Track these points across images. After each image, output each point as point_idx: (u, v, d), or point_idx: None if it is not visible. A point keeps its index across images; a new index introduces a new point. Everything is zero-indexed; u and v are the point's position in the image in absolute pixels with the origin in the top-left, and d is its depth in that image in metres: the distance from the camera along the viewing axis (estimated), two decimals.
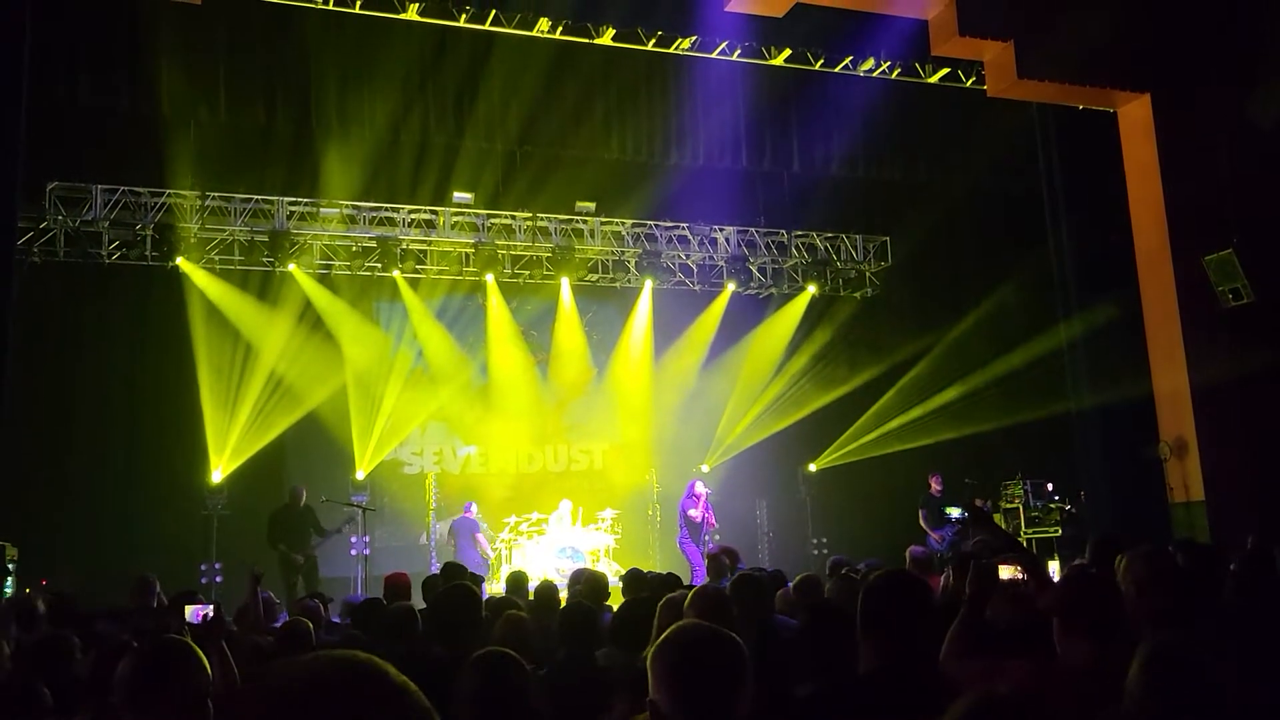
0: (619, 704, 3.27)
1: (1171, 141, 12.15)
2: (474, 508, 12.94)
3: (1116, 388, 12.41)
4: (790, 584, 6.02)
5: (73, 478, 11.95)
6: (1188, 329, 11.91)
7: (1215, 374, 11.83)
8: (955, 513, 11.96)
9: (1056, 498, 13.23)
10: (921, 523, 12.23)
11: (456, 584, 4.82)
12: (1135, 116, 12.52)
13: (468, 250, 14.26)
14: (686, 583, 6.91)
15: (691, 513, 12.37)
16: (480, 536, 12.63)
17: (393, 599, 6.26)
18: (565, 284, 14.98)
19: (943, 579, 6.99)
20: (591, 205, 14.51)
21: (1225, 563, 4.87)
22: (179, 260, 12.69)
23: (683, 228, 15.14)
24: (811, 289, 15.83)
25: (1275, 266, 11.39)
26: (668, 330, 15.66)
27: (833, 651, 3.07)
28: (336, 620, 6.76)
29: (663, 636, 2.07)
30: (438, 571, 8.58)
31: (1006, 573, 3.78)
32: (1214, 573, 4.55)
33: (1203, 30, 12.06)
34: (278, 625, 5.63)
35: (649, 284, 15.24)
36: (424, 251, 14.18)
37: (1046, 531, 12.88)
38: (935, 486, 12.42)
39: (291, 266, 13.30)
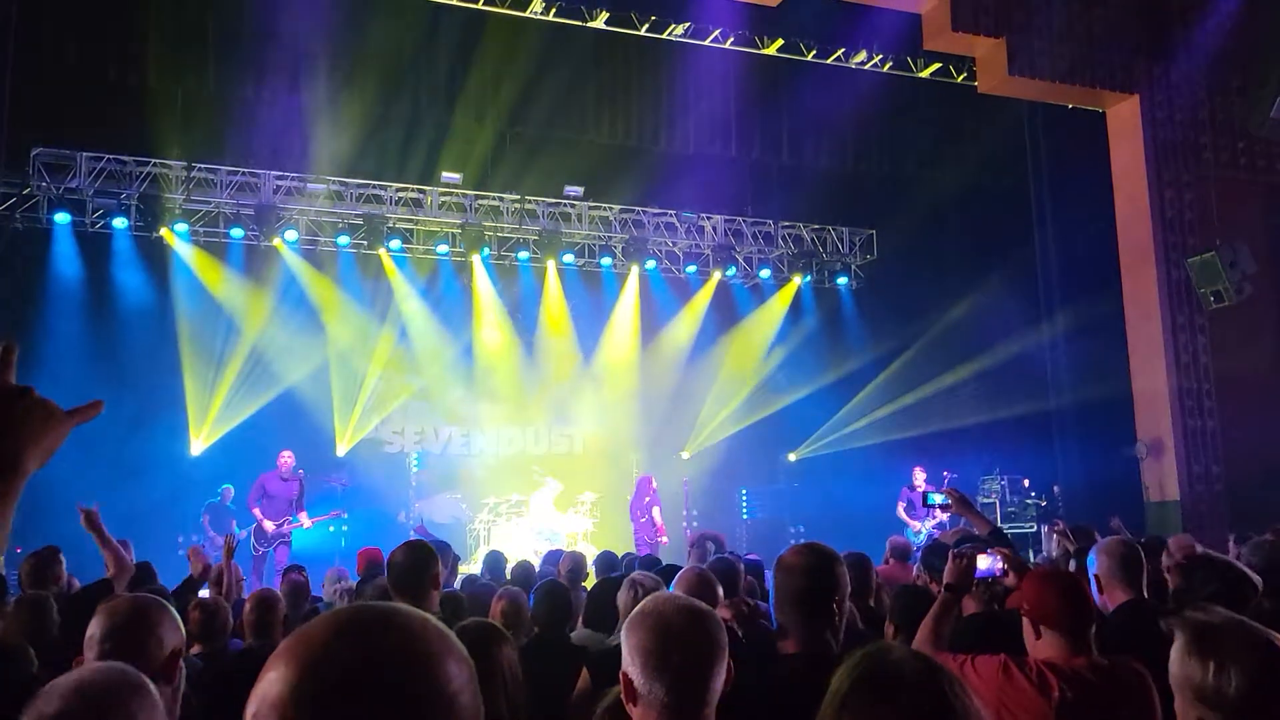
0: (591, 681, 3.28)
1: (1158, 143, 12.23)
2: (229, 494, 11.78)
3: (1096, 386, 12.52)
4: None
5: None
6: (1169, 329, 12.01)
7: (1195, 375, 11.95)
8: (939, 499, 11.99)
9: (1033, 493, 13.31)
10: (901, 513, 12.26)
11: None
12: (1124, 117, 12.59)
13: (455, 230, 14.20)
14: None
15: (655, 512, 12.40)
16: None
17: (368, 574, 6.27)
18: (552, 267, 14.95)
19: (915, 570, 7.04)
20: (580, 189, 14.46)
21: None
22: (163, 230, 12.60)
23: (670, 215, 15.11)
24: (797, 279, 15.85)
25: (1257, 270, 11.50)
26: (653, 317, 15.65)
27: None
28: (318, 594, 6.74)
29: (637, 609, 2.02)
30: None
31: (984, 563, 3.72)
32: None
33: (1192, 34, 12.14)
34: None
35: (635, 270, 15.22)
36: (410, 230, 14.11)
37: (1022, 527, 12.96)
38: (919, 477, 12.46)
39: (276, 241, 13.23)
